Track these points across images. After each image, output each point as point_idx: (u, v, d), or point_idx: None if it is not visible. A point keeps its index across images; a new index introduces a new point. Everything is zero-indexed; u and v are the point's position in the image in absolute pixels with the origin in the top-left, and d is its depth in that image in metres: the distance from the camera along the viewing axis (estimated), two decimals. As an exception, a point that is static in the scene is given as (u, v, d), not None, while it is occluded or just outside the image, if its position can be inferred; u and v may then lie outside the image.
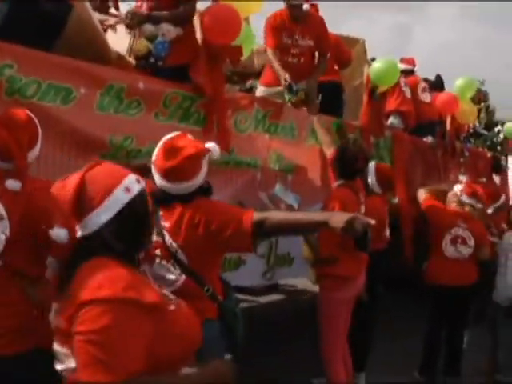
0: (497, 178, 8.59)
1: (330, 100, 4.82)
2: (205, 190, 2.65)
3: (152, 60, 3.63)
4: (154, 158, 2.59)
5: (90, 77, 3.17)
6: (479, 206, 5.81)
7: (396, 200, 5.80)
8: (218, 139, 3.66)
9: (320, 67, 5.20)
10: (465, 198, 5.60)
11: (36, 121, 2.45)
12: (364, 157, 4.32)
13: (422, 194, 5.51)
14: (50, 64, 3.00)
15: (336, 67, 5.89)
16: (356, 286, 4.25)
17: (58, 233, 2.09)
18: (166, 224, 2.57)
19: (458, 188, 5.69)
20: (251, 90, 4.93)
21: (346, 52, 6.06)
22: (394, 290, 6.36)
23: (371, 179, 4.76)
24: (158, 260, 2.57)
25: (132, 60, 3.69)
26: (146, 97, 3.37)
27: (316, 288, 4.59)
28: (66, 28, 3.14)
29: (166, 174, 2.52)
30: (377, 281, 4.92)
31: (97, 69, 3.23)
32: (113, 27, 4.03)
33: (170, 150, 2.50)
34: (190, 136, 2.61)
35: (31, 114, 2.43)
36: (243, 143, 3.99)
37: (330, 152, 4.44)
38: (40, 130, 2.47)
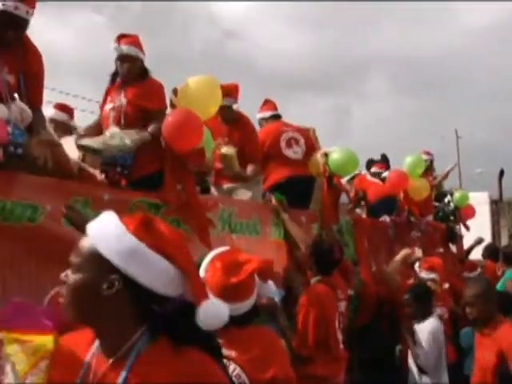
0: (453, 247, 8.76)
1: (306, 194, 4.83)
2: (257, 313, 2.46)
3: (118, 169, 3.56)
4: (205, 273, 2.35)
5: (54, 192, 3.09)
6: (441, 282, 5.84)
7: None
8: (201, 243, 3.62)
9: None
10: (424, 274, 5.57)
11: None
12: (339, 247, 4.23)
13: (397, 277, 5.22)
14: (14, 182, 2.94)
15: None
16: None
17: None
18: (229, 353, 2.28)
19: (416, 265, 5.65)
20: (208, 190, 4.78)
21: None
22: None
23: None
24: None
25: (95, 171, 3.62)
26: (112, 208, 3.26)
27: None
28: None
29: (225, 293, 2.23)
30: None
31: (59, 184, 3.16)
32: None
33: (232, 265, 2.31)
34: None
35: None
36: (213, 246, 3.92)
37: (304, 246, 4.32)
38: None
